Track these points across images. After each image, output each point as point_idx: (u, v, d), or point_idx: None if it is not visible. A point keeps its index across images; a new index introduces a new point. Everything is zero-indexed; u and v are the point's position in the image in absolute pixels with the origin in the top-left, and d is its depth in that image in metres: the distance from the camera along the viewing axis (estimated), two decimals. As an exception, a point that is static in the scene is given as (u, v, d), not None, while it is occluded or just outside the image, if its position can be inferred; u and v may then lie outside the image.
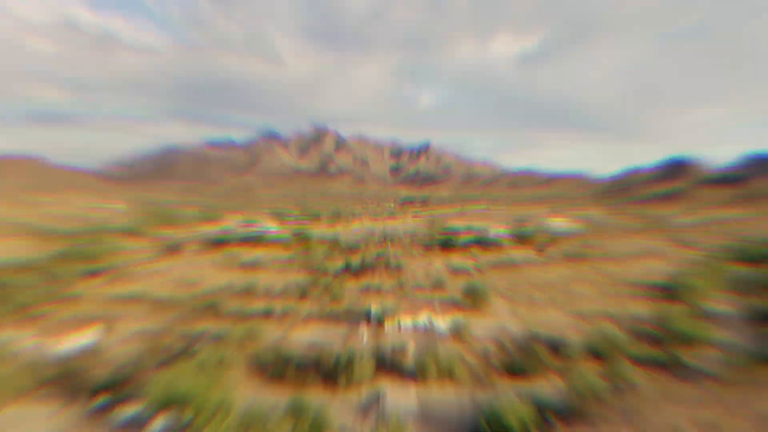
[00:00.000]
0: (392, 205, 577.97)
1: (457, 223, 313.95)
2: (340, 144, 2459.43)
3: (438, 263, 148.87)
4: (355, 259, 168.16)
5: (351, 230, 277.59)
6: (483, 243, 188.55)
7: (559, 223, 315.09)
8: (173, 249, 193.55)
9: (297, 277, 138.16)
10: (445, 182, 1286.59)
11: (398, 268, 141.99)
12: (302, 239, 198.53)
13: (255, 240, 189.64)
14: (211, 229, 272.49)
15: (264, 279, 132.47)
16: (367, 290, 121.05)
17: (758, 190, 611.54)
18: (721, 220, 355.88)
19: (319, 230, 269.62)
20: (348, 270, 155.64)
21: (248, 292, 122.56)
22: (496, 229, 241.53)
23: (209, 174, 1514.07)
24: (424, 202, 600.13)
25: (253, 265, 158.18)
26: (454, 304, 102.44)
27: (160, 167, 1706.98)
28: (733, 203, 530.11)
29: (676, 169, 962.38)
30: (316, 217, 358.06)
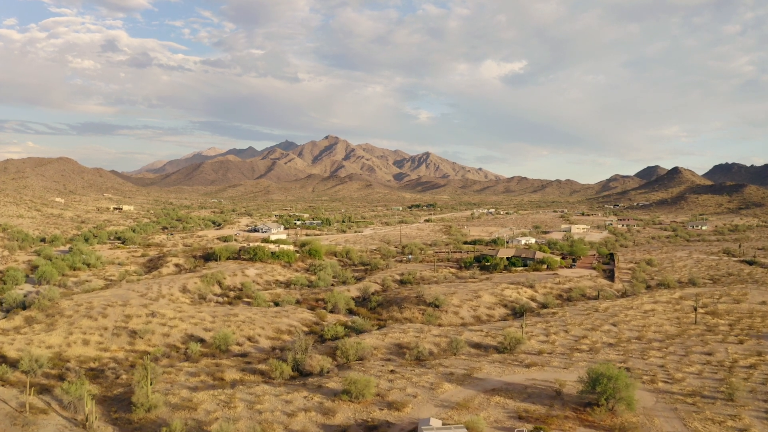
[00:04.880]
0: (401, 209, 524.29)
1: (477, 231, 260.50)
2: (349, 152, 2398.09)
3: (487, 296, 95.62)
4: (374, 283, 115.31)
5: (363, 238, 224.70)
6: (526, 261, 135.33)
7: (582, 230, 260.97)
8: (152, 264, 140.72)
9: (292, 320, 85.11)
10: (444, 188, 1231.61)
11: (435, 305, 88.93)
12: (308, 253, 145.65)
13: (251, 254, 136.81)
14: (211, 235, 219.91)
15: (244, 323, 79.40)
16: (400, 353, 67.58)
17: (750, 196, 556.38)
18: (739, 229, 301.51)
19: (329, 238, 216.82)
20: (365, 303, 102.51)
21: (213, 354, 69.67)
22: (526, 239, 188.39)
23: (230, 178, 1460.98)
24: (432, 207, 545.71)
25: (237, 295, 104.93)
26: (567, 406, 46.60)
27: (187, 172, 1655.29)
28: (736, 210, 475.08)
29: (663, 177, 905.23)
30: (326, 223, 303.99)
